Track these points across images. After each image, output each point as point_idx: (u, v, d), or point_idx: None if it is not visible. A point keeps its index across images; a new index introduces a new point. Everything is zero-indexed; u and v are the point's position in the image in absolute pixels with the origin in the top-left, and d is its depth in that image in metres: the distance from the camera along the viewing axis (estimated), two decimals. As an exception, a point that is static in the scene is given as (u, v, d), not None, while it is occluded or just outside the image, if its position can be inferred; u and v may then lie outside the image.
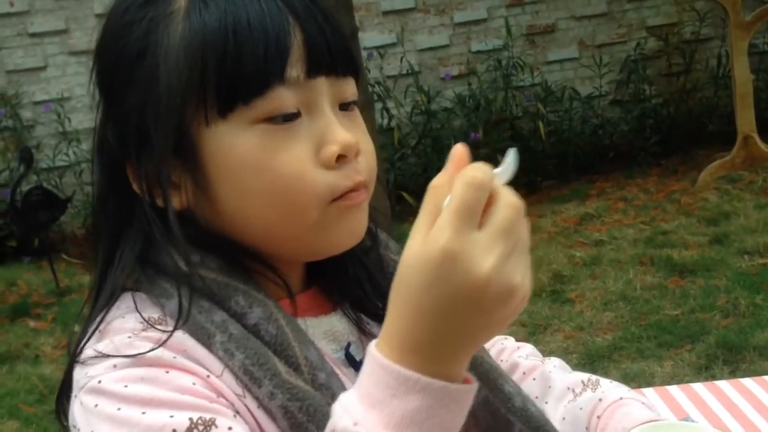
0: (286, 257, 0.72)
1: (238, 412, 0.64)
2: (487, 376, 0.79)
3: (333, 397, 0.63)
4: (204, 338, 0.66)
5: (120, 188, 0.71)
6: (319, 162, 0.67)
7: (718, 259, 3.73)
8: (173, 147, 0.67)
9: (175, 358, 0.64)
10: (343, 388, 0.67)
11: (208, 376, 0.64)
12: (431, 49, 5.80)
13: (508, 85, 5.59)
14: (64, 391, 0.69)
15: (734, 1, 4.86)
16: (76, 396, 0.65)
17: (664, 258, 3.82)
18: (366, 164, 0.71)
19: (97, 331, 0.68)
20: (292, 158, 0.66)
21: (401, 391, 0.54)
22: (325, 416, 0.61)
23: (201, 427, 0.61)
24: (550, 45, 5.92)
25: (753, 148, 4.92)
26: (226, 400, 0.64)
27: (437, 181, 0.58)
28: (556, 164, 5.47)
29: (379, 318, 0.78)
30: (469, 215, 0.55)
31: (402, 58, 5.57)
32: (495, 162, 0.60)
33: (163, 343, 0.64)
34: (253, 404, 0.65)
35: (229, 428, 0.61)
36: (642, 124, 5.66)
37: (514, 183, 0.61)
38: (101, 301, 0.71)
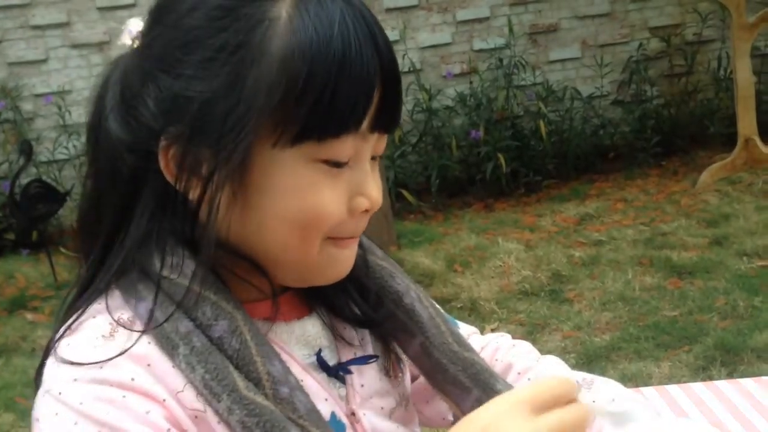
0: (281, 277, 0.73)
1: None
2: (478, 377, 0.80)
3: (294, 411, 0.66)
4: (168, 349, 0.66)
5: (137, 154, 0.68)
6: (348, 209, 0.70)
7: (717, 260, 3.73)
8: (232, 147, 0.65)
9: (133, 379, 0.65)
10: (308, 401, 0.68)
11: (164, 400, 0.65)
12: (433, 46, 5.79)
13: (509, 84, 5.59)
14: (40, 373, 0.70)
15: (737, 2, 4.85)
16: (43, 395, 0.66)
17: (663, 259, 3.81)
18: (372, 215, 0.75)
19: (73, 325, 0.69)
20: (333, 199, 0.69)
21: None
22: (283, 430, 0.64)
23: None
24: (553, 44, 5.91)
25: (754, 151, 4.92)
26: (180, 430, 0.65)
27: (569, 384, 0.63)
28: (557, 164, 5.47)
29: (357, 322, 0.80)
30: None
31: (404, 56, 5.56)
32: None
33: (127, 351, 0.65)
34: (213, 419, 0.66)
35: None
36: (643, 125, 5.66)
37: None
38: (92, 290, 0.71)
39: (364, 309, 0.80)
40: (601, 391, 0.85)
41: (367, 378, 0.79)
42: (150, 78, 0.68)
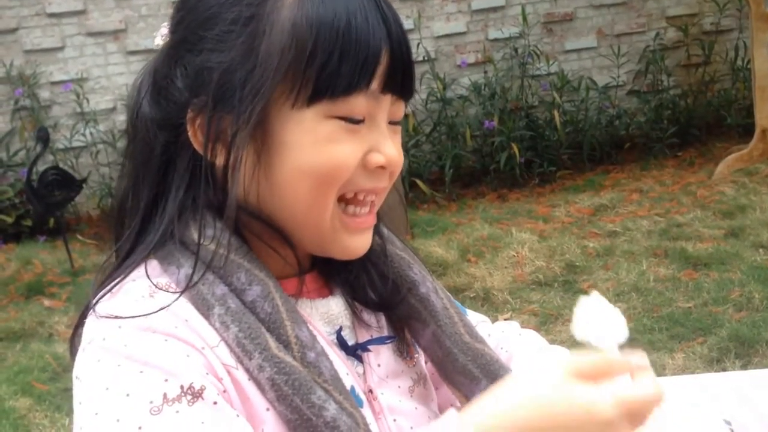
0: (302, 243, 0.76)
1: (225, 390, 0.68)
2: (488, 368, 0.82)
3: (320, 376, 0.69)
4: (204, 309, 0.70)
5: (168, 130, 0.74)
6: (363, 164, 0.74)
7: (732, 252, 3.70)
8: (251, 114, 0.71)
9: (176, 327, 0.68)
10: (332, 368, 0.71)
11: (203, 348, 0.68)
12: (448, 36, 5.77)
13: (524, 74, 5.56)
14: (77, 333, 0.73)
15: (756, -9, 4.80)
16: (84, 349, 0.69)
17: (678, 250, 3.80)
18: (393, 178, 0.78)
19: (113, 289, 0.72)
20: (347, 152, 0.72)
21: None
22: (310, 390, 0.68)
23: (189, 396, 0.65)
24: (568, 33, 5.88)
25: (771, 142, 4.87)
26: (216, 377, 0.68)
27: (614, 357, 0.66)
28: (571, 154, 5.44)
29: (375, 305, 0.83)
30: (639, 414, 0.61)
31: (418, 45, 5.55)
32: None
33: (167, 307, 0.69)
34: (244, 376, 0.69)
35: (215, 402, 0.65)
36: (659, 116, 5.62)
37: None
38: (131, 260, 0.74)
39: (381, 293, 0.82)
40: None
41: (383, 358, 0.82)
42: (177, 59, 0.75)
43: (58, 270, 4.42)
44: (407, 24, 5.63)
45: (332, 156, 0.72)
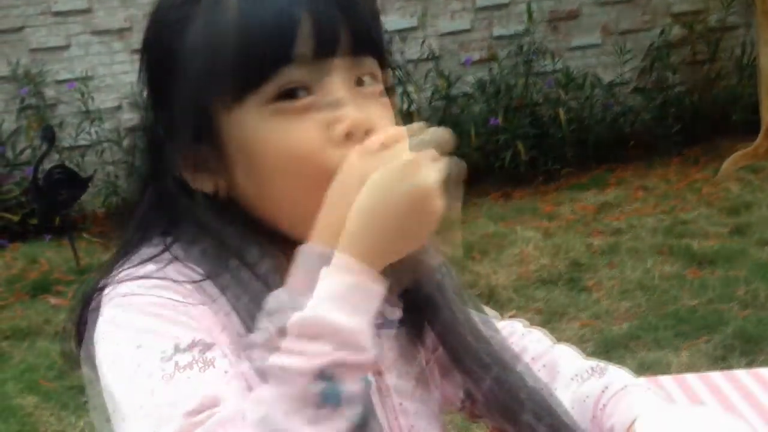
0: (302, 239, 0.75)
1: (235, 352, 0.68)
2: (499, 356, 0.81)
3: None
4: (218, 281, 0.71)
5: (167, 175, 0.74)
6: (332, 140, 0.69)
7: (738, 249, 3.70)
8: (205, 134, 0.71)
9: (192, 291, 0.70)
10: None
11: (218, 312, 0.70)
12: (452, 33, 5.76)
13: (529, 71, 5.55)
14: (90, 302, 0.74)
15: (762, -12, 4.78)
16: (105, 308, 0.70)
17: (683, 248, 3.79)
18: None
19: (129, 261, 0.73)
20: (303, 136, 0.68)
21: (332, 271, 0.62)
22: None
23: (200, 347, 0.66)
24: (573, 31, 5.86)
25: (777, 139, 4.85)
26: (229, 334, 0.69)
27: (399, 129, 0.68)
28: (576, 152, 5.43)
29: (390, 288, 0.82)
30: (437, 150, 0.65)
31: (423, 42, 5.54)
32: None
33: (182, 281, 0.70)
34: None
35: (224, 355, 0.67)
36: (664, 113, 5.60)
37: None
38: (147, 239, 0.75)
39: (397, 275, 0.81)
40: (613, 378, 0.86)
41: (393, 342, 0.82)
42: (154, 110, 0.76)
43: (64, 268, 4.43)
44: (411, 22, 5.63)
45: (289, 147, 0.69)
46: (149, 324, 0.67)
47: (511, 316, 0.98)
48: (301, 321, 0.60)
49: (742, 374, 1.20)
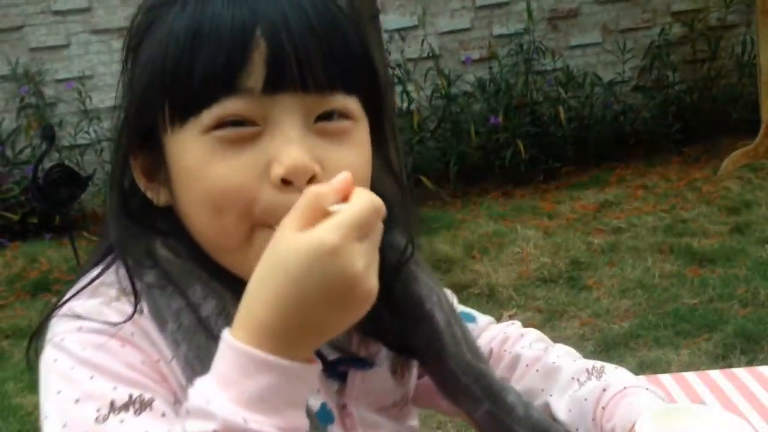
0: (232, 271, 0.71)
1: (179, 402, 0.66)
2: (490, 389, 0.80)
3: None
4: (159, 324, 0.68)
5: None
6: (269, 181, 0.65)
7: (738, 248, 3.70)
8: (151, 144, 0.69)
9: (132, 335, 0.68)
10: None
11: (158, 361, 0.67)
12: (452, 32, 5.76)
13: (529, 70, 5.55)
14: (38, 334, 0.72)
15: (762, -13, 4.77)
16: (45, 347, 0.69)
17: (683, 246, 3.79)
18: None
19: (84, 288, 0.72)
20: (236, 170, 0.65)
21: (253, 371, 0.57)
22: None
23: (137, 405, 0.64)
24: (573, 29, 5.86)
25: (777, 137, 4.85)
26: (170, 389, 0.67)
27: (318, 188, 0.59)
28: (576, 150, 5.43)
29: (372, 332, 0.78)
30: (362, 229, 0.58)
31: (423, 41, 5.54)
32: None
33: (126, 320, 0.68)
34: None
35: (163, 414, 0.64)
36: (664, 111, 5.60)
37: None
38: (94, 257, 0.75)
39: (385, 322, 0.77)
40: (612, 378, 0.85)
41: (370, 375, 0.79)
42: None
43: (65, 267, 4.43)
44: (411, 21, 5.63)
45: (216, 178, 0.65)
46: (85, 377, 0.64)
47: (511, 315, 0.98)
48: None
49: (742, 372, 1.20)
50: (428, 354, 0.80)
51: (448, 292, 0.92)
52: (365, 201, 0.58)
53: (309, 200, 0.58)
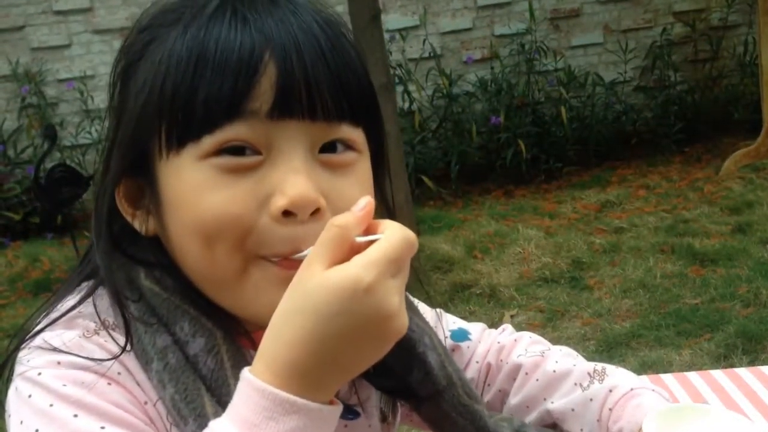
0: (223, 307, 0.67)
1: None
2: (486, 429, 0.79)
3: None
4: (144, 362, 0.65)
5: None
6: (268, 212, 0.62)
7: (740, 248, 3.69)
8: (142, 170, 0.66)
9: (119, 374, 0.64)
10: None
11: (146, 403, 0.64)
12: (454, 32, 5.76)
13: (530, 70, 5.55)
14: (6, 365, 0.68)
15: (764, -14, 4.77)
16: (13, 380, 0.64)
17: (685, 246, 3.79)
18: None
19: (59, 317, 0.67)
20: (234, 199, 0.62)
21: (278, 413, 0.54)
22: None
23: None
24: (575, 29, 5.86)
25: (779, 137, 4.85)
26: (158, 430, 0.64)
27: (343, 221, 0.57)
28: (578, 150, 5.43)
29: (366, 377, 0.76)
30: (396, 264, 0.56)
31: (424, 41, 5.54)
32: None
33: (114, 358, 0.64)
34: None
35: None
36: (666, 111, 5.60)
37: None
38: (68, 285, 0.70)
39: (377, 366, 0.74)
40: (617, 380, 0.85)
41: (354, 424, 0.77)
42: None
43: (66, 267, 4.43)
44: (413, 21, 5.63)
45: (211, 206, 0.61)
46: (68, 415, 0.60)
47: (512, 315, 0.98)
48: None
49: (744, 372, 1.19)
50: (422, 397, 0.78)
51: (437, 311, 0.91)
52: (399, 236, 0.56)
53: (335, 234, 0.56)
